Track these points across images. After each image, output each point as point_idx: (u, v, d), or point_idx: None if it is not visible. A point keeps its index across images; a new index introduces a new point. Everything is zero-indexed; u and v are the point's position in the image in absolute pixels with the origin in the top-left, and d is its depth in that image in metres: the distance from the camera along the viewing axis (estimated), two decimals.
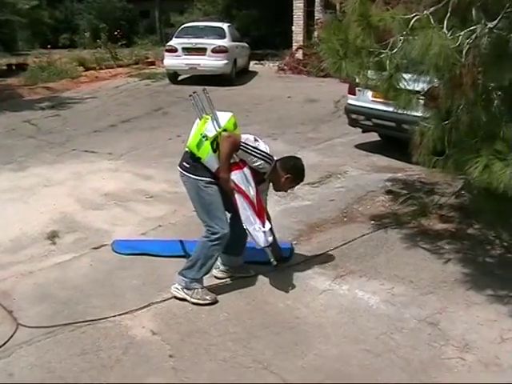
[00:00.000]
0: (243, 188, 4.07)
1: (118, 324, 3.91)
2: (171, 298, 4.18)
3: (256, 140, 4.22)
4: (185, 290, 4.16)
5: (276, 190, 4.61)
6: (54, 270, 4.76)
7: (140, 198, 6.45)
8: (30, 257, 5.00)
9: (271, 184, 4.49)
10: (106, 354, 3.59)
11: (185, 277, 4.16)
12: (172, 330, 3.84)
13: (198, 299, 4.13)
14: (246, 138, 4.16)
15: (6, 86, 16.39)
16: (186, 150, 4.21)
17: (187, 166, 4.15)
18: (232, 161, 4.05)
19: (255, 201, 4.12)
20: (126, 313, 4.02)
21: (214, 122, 4.05)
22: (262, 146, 4.20)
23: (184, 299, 4.16)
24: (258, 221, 4.12)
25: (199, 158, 4.05)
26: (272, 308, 4.10)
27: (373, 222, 5.69)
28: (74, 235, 5.45)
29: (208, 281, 4.38)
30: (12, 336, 3.75)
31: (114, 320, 3.95)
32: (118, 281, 4.53)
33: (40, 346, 3.67)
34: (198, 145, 4.03)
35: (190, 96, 4.20)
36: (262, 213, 4.19)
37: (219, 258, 4.40)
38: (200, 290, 4.17)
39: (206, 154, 4.02)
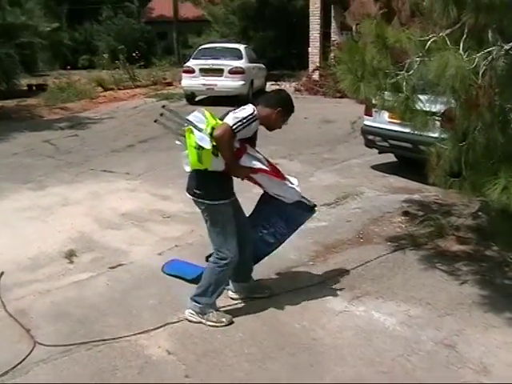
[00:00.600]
0: (258, 166, 4.10)
1: (134, 343, 3.92)
2: (187, 318, 4.18)
3: (234, 111, 4.04)
4: (199, 315, 4.16)
5: (270, 130, 4.37)
6: (71, 288, 4.79)
7: (157, 218, 6.49)
8: (48, 275, 5.04)
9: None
10: (121, 373, 3.60)
11: (198, 303, 4.16)
12: (188, 350, 3.84)
13: (215, 322, 4.11)
14: (229, 118, 3.99)
15: (26, 106, 16.65)
16: (190, 172, 4.15)
17: (198, 192, 4.08)
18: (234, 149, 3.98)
19: (271, 168, 4.19)
20: (142, 332, 4.03)
21: (197, 131, 3.90)
22: (241, 112, 4.01)
23: (199, 322, 4.16)
24: (284, 181, 4.22)
25: (205, 170, 3.96)
26: (288, 329, 4.09)
27: (389, 243, 5.67)
28: (91, 254, 5.49)
29: (223, 302, 4.38)
30: (29, 354, 3.77)
31: (130, 339, 3.96)
32: (134, 300, 4.54)
33: (57, 364, 3.69)
34: (199, 159, 3.92)
35: (156, 121, 4.16)
36: (281, 174, 4.26)
37: (231, 284, 4.41)
38: (215, 312, 4.17)
39: (210, 162, 3.92)
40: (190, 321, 4.18)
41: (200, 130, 3.89)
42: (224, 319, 4.14)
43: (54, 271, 5.12)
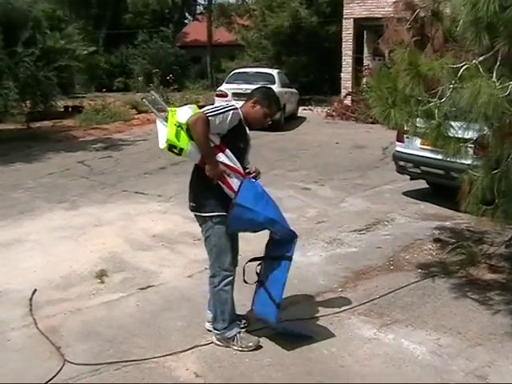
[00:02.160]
0: (233, 165, 3.92)
1: (162, 365, 3.93)
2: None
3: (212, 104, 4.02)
4: (223, 342, 4.14)
5: (254, 127, 4.16)
6: (101, 308, 4.84)
7: (188, 241, 6.53)
8: (79, 294, 5.10)
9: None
10: None
11: (217, 330, 4.15)
12: (215, 374, 3.83)
13: (242, 347, 4.09)
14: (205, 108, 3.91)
15: (62, 127, 17.05)
16: (189, 190, 4.18)
17: (194, 204, 4.09)
18: (212, 145, 3.85)
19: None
20: (171, 354, 4.05)
21: (180, 113, 3.86)
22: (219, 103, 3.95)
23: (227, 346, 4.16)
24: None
25: (181, 150, 3.86)
26: (316, 355, 4.06)
27: (420, 270, 5.61)
28: (121, 275, 5.55)
29: (253, 325, 4.38)
30: (59, 372, 3.82)
31: (158, 361, 3.97)
32: (163, 322, 4.57)
33: (85, 383, 3.72)
34: (177, 135, 3.80)
35: (143, 99, 4.14)
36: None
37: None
38: (239, 335, 4.13)
39: (186, 143, 3.82)
40: (217, 344, 4.18)
41: (185, 114, 3.84)
42: (251, 344, 4.10)
43: (85, 290, 5.18)
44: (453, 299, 4.98)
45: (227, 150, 3.92)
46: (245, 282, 4.22)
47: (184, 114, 3.86)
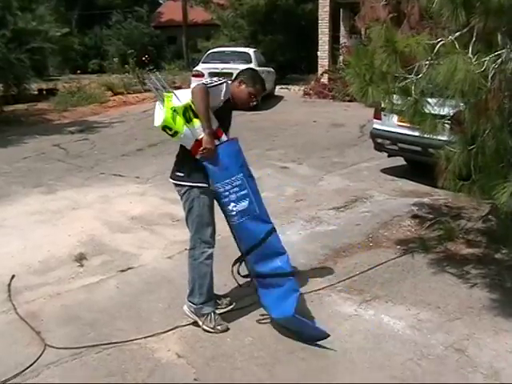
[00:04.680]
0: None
1: (144, 347, 3.93)
2: (196, 322, 4.18)
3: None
4: (197, 315, 4.15)
5: (240, 107, 4.25)
6: (81, 292, 4.82)
7: (167, 222, 6.51)
8: (58, 279, 5.07)
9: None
10: (131, 376, 3.61)
11: (192, 303, 4.16)
12: (197, 354, 3.85)
13: (211, 328, 4.10)
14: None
15: (36, 111, 16.79)
16: (176, 160, 4.18)
17: (180, 174, 4.07)
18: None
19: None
20: (152, 336, 4.05)
21: (177, 97, 3.94)
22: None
23: (195, 322, 4.16)
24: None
25: (176, 133, 3.91)
26: None
27: (399, 246, 5.66)
28: (101, 258, 5.52)
29: (234, 304, 4.39)
30: (40, 357, 3.80)
31: (139, 343, 3.97)
32: (143, 304, 4.56)
33: (67, 367, 3.71)
34: (173, 118, 3.89)
35: (145, 80, 4.18)
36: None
37: None
38: (212, 315, 4.13)
39: (182, 126, 3.89)
40: (189, 317, 4.19)
41: (181, 98, 3.93)
42: (219, 327, 4.11)
43: (64, 274, 5.15)
44: (431, 274, 5.04)
45: (224, 136, 4.03)
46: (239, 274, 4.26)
47: (180, 96, 3.93)
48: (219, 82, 4.00)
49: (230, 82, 4.17)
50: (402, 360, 3.73)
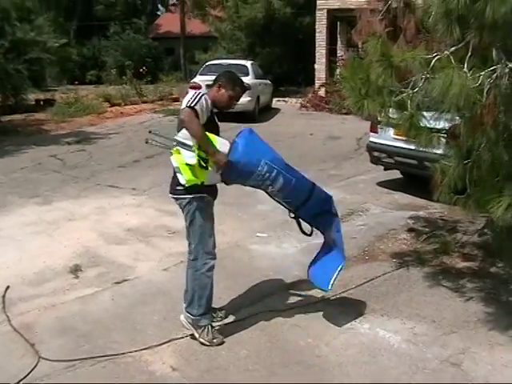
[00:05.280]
0: None
1: (138, 359, 3.92)
2: (192, 334, 4.17)
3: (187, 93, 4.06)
4: (194, 326, 4.14)
5: (222, 110, 4.23)
6: (76, 303, 4.80)
7: (162, 234, 6.50)
8: (53, 290, 5.05)
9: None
10: None
11: (190, 314, 4.14)
12: (192, 367, 3.83)
13: (207, 341, 4.08)
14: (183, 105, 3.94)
15: (34, 121, 16.82)
16: (174, 175, 4.13)
17: (179, 188, 4.04)
18: None
19: None
20: (147, 348, 4.04)
21: (183, 147, 3.93)
22: (187, 96, 3.95)
23: (191, 334, 4.15)
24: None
25: (202, 183, 3.95)
26: (293, 346, 4.08)
27: (394, 260, 5.66)
28: (96, 269, 5.50)
29: (230, 317, 4.39)
30: (33, 369, 3.78)
31: (134, 355, 3.96)
32: (138, 316, 4.54)
33: (61, 379, 3.69)
34: (193, 174, 3.91)
35: (146, 143, 4.18)
36: None
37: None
38: (209, 327, 4.12)
39: (204, 175, 3.93)
40: (186, 328, 4.18)
41: (189, 146, 3.90)
42: (215, 340, 4.09)
43: (60, 286, 5.13)
44: (427, 288, 5.04)
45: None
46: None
47: (186, 155, 3.92)
48: (197, 96, 3.87)
49: (205, 91, 4.14)
50: (397, 374, 3.73)
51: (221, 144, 3.99)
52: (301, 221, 4.58)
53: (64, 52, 24.18)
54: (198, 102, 3.84)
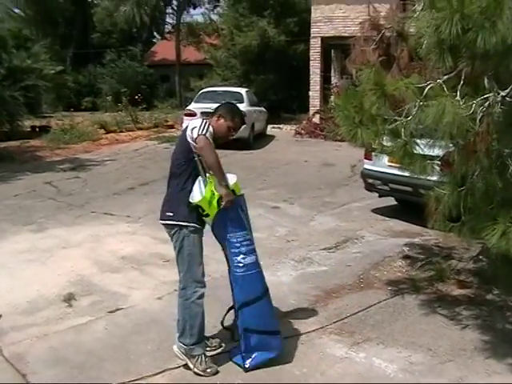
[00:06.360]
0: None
1: None
2: (185, 364, 4.12)
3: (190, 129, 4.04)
4: (187, 356, 4.08)
5: (220, 142, 4.21)
6: (69, 333, 4.75)
7: (157, 262, 6.46)
8: (46, 319, 5.00)
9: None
10: None
11: (183, 344, 4.09)
12: None
13: (200, 371, 4.02)
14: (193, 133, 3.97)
15: (29, 148, 16.84)
16: (164, 202, 4.17)
17: (170, 214, 4.07)
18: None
19: None
20: (140, 379, 3.98)
21: (201, 186, 4.00)
22: (193, 124, 4.02)
23: (185, 364, 4.10)
24: None
25: (207, 215, 3.99)
26: (288, 375, 4.03)
27: (390, 287, 5.64)
28: (90, 298, 5.45)
29: (224, 346, 4.34)
30: None
31: None
32: (132, 345, 4.49)
33: None
34: (210, 201, 3.96)
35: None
36: None
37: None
38: (203, 357, 4.08)
39: (214, 213, 3.98)
40: (179, 358, 4.12)
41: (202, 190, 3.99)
42: (209, 370, 4.04)
43: (53, 315, 5.08)
44: (423, 316, 5.01)
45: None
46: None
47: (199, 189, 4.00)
48: (207, 125, 3.95)
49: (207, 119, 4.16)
50: None
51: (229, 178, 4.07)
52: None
53: (60, 79, 24.31)
54: (207, 129, 3.93)
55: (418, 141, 4.56)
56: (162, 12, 43.29)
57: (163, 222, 4.16)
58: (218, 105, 4.42)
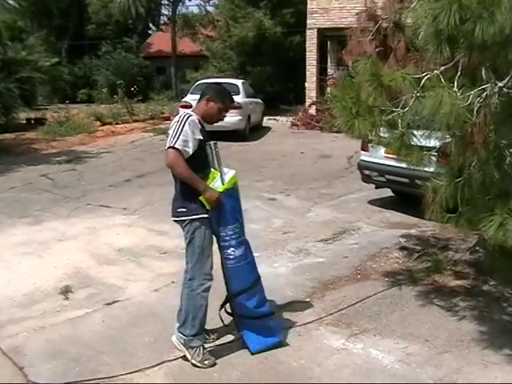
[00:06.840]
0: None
1: (129, 382, 3.86)
2: (183, 356, 4.12)
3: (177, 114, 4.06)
4: (186, 347, 4.09)
5: (211, 123, 4.27)
6: (66, 325, 4.74)
7: (153, 254, 6.46)
8: (43, 312, 4.99)
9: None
10: None
11: (183, 334, 4.09)
12: None
13: (198, 362, 4.03)
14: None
15: (24, 140, 16.77)
16: (174, 198, 4.16)
17: (181, 210, 4.07)
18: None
19: None
20: (138, 371, 3.98)
21: (220, 180, 4.05)
22: (172, 127, 3.97)
23: (183, 356, 4.10)
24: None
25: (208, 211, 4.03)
26: (285, 367, 4.03)
27: (387, 279, 5.64)
28: (87, 290, 5.45)
29: (222, 339, 4.35)
30: None
31: (124, 378, 3.90)
32: (130, 338, 4.49)
33: None
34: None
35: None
36: None
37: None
38: (201, 349, 4.09)
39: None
40: (178, 349, 4.13)
41: (223, 181, 4.06)
42: (207, 362, 4.05)
43: (49, 308, 5.07)
44: (420, 307, 5.01)
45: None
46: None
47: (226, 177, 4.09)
48: (179, 127, 3.90)
49: (188, 112, 4.12)
50: None
51: (224, 175, 4.10)
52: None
53: (55, 71, 24.17)
54: (179, 137, 3.87)
55: (415, 132, 4.55)
56: (158, 3, 43.23)
57: (176, 219, 4.14)
58: (205, 87, 4.39)
